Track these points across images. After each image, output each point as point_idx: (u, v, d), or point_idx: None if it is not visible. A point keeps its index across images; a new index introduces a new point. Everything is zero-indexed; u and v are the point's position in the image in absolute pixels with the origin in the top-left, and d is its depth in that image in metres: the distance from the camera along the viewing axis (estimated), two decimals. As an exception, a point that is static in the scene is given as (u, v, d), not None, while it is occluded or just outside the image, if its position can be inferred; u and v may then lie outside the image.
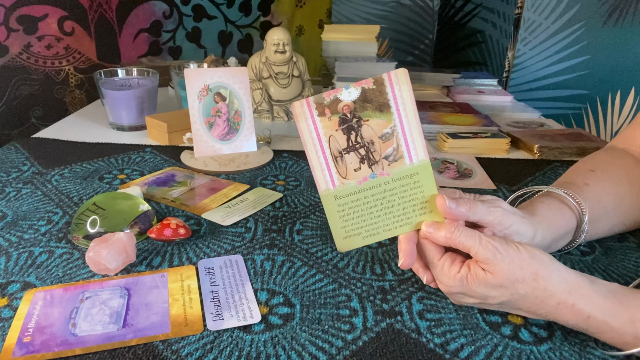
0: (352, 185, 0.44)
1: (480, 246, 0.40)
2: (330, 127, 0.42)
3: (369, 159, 0.43)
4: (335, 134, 0.43)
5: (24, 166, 0.75)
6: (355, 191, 0.44)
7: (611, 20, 1.21)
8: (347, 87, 0.42)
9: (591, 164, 0.58)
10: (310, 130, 0.42)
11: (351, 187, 0.44)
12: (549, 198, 0.52)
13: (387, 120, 0.43)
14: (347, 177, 0.43)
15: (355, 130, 0.43)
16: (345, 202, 0.44)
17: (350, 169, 0.43)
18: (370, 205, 0.44)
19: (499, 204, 0.45)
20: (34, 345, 0.40)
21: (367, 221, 0.45)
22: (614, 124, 1.19)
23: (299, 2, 2.05)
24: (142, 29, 1.71)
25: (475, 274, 0.41)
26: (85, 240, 0.53)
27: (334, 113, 0.42)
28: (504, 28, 1.60)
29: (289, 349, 0.40)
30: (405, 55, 1.98)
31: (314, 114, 0.42)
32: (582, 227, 0.51)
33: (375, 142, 0.43)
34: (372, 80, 0.42)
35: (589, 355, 0.41)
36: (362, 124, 0.43)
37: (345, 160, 0.43)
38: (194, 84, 0.78)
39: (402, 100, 0.42)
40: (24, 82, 1.47)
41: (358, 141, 0.43)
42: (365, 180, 0.44)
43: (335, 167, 0.43)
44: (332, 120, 0.42)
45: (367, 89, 0.42)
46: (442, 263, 0.43)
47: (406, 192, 0.44)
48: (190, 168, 0.76)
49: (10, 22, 1.40)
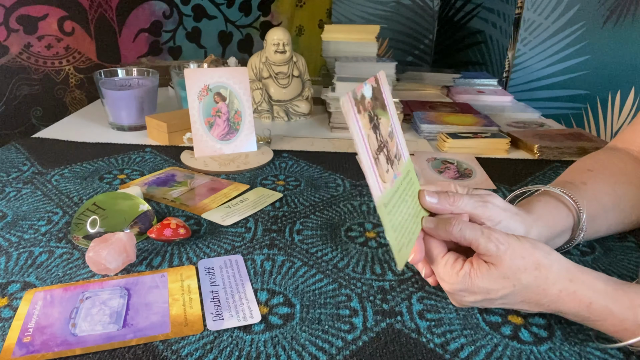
0: (390, 190, 0.40)
1: (482, 238, 0.41)
2: (366, 126, 0.39)
3: (389, 159, 0.42)
4: (370, 133, 0.39)
5: (24, 166, 0.75)
6: (392, 195, 0.41)
7: (611, 20, 1.21)
8: (365, 84, 0.40)
9: (589, 164, 0.58)
10: (357, 129, 0.38)
11: (389, 190, 0.40)
12: (546, 196, 0.52)
13: (387, 119, 0.43)
14: (385, 180, 0.40)
15: (378, 128, 0.40)
16: (390, 210, 0.40)
17: (384, 171, 0.40)
18: (400, 210, 0.42)
19: (490, 199, 0.45)
20: (34, 345, 0.40)
21: (404, 227, 0.42)
22: (614, 124, 1.19)
23: (299, 2, 2.05)
24: (142, 29, 1.71)
25: (478, 268, 0.41)
26: (85, 240, 0.53)
27: (365, 110, 0.40)
28: (504, 28, 1.60)
29: (289, 349, 0.40)
30: (405, 55, 1.98)
31: (355, 110, 0.38)
32: (580, 225, 0.51)
33: (389, 141, 0.42)
34: (374, 79, 0.42)
35: (589, 355, 0.41)
36: (379, 122, 0.41)
37: (380, 161, 0.40)
38: (194, 84, 0.78)
39: (389, 100, 0.43)
40: (24, 82, 1.46)
41: (381, 140, 0.41)
42: (392, 183, 0.41)
43: (378, 170, 0.40)
44: (365, 118, 0.39)
45: (374, 87, 0.41)
46: (445, 260, 0.43)
47: (410, 191, 0.45)
48: (190, 168, 0.76)
49: (10, 22, 1.40)
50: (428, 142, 0.93)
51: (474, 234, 0.41)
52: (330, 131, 0.98)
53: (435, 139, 0.94)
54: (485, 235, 0.41)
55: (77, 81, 1.57)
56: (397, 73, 1.27)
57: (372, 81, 0.41)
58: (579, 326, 0.44)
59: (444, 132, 0.91)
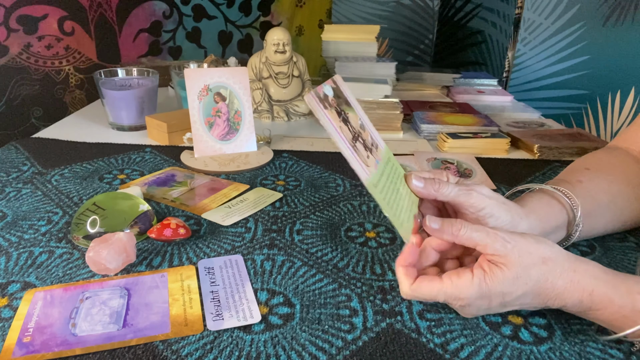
0: (375, 172, 0.43)
1: (488, 238, 0.41)
2: (336, 120, 0.42)
3: (367, 147, 0.44)
4: (342, 125, 0.42)
5: (24, 166, 0.75)
6: (379, 177, 0.43)
7: (611, 20, 1.21)
8: (324, 85, 0.43)
9: (587, 163, 0.59)
10: (328, 122, 0.41)
11: (375, 173, 0.43)
12: (540, 193, 0.53)
13: (355, 114, 0.45)
14: (368, 164, 0.43)
15: (348, 121, 0.43)
16: (381, 190, 0.43)
17: (365, 157, 0.43)
18: (391, 190, 0.44)
19: (475, 188, 0.46)
20: (34, 345, 0.40)
21: (399, 205, 0.44)
22: (614, 124, 1.19)
23: (299, 2, 2.05)
24: (142, 29, 1.71)
25: (491, 272, 0.40)
26: (85, 240, 0.53)
27: (331, 106, 0.42)
28: (504, 28, 1.60)
29: (289, 349, 0.40)
30: (405, 55, 1.98)
31: (321, 106, 0.41)
32: (576, 222, 0.51)
33: (362, 132, 0.44)
34: (331, 81, 0.44)
35: (589, 355, 0.41)
36: (348, 116, 0.44)
37: (359, 149, 0.43)
38: (194, 84, 0.78)
39: (352, 98, 0.45)
40: (24, 82, 1.47)
41: (354, 131, 0.43)
42: (375, 167, 0.44)
43: (359, 156, 0.43)
44: (334, 113, 0.42)
45: (334, 87, 0.44)
46: (449, 279, 0.41)
47: (395, 175, 0.46)
48: (190, 168, 0.76)
49: (10, 22, 1.40)
50: (428, 142, 0.93)
51: (480, 235, 0.41)
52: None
53: (435, 139, 0.94)
54: (492, 235, 0.41)
55: (77, 81, 1.57)
56: (397, 73, 1.27)
57: (330, 82, 0.43)
58: (579, 326, 0.44)
59: (444, 132, 0.91)
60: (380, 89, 0.99)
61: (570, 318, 0.45)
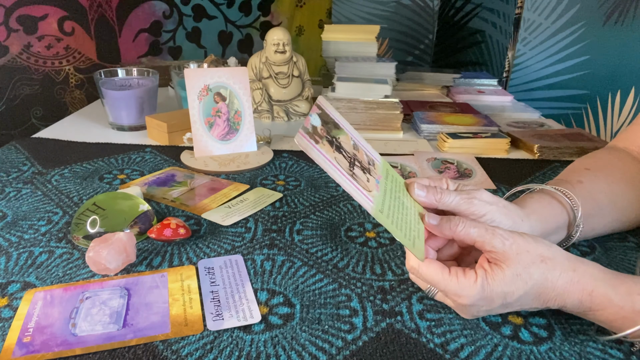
0: (378, 195, 0.43)
1: (487, 235, 0.41)
2: (329, 151, 0.41)
3: (364, 169, 0.43)
4: (337, 155, 0.42)
5: (24, 166, 0.75)
6: (383, 199, 0.43)
7: (611, 20, 1.21)
8: (310, 115, 0.42)
9: (587, 163, 0.59)
10: (323, 158, 0.40)
11: (378, 196, 0.42)
12: (540, 194, 0.53)
13: (346, 135, 0.44)
14: (369, 189, 0.42)
15: (341, 148, 0.43)
16: (388, 214, 0.42)
17: (365, 182, 0.42)
18: (397, 208, 0.43)
19: (476, 195, 0.46)
20: (34, 345, 0.40)
21: (408, 222, 0.43)
22: (614, 124, 1.19)
23: (299, 2, 2.05)
24: (142, 29, 1.71)
25: (492, 272, 0.40)
26: (85, 240, 0.53)
27: (321, 137, 0.41)
28: (504, 28, 1.60)
29: (289, 349, 0.40)
30: (405, 55, 1.98)
31: (312, 142, 0.40)
32: (576, 222, 0.51)
33: (357, 153, 0.44)
34: (316, 107, 0.43)
35: (589, 355, 0.41)
36: (340, 142, 0.43)
37: (357, 175, 0.42)
38: (194, 84, 0.78)
39: (339, 118, 0.45)
40: (24, 82, 1.47)
41: (349, 156, 0.43)
42: (377, 188, 0.43)
43: (359, 184, 0.42)
44: (325, 145, 0.41)
45: (320, 113, 0.43)
46: (455, 275, 0.41)
47: (397, 187, 0.46)
48: (190, 168, 0.76)
49: (10, 22, 1.40)
50: (428, 142, 0.93)
51: (479, 231, 0.41)
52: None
53: (435, 139, 0.94)
54: (490, 231, 0.41)
55: (77, 81, 1.57)
56: (397, 73, 1.27)
57: (316, 109, 0.43)
58: (579, 326, 0.44)
59: (444, 132, 0.91)
60: (380, 89, 0.99)
61: (570, 318, 0.45)
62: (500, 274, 0.40)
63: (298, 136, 0.39)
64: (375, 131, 0.97)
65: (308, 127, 0.41)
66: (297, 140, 0.39)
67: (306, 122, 0.41)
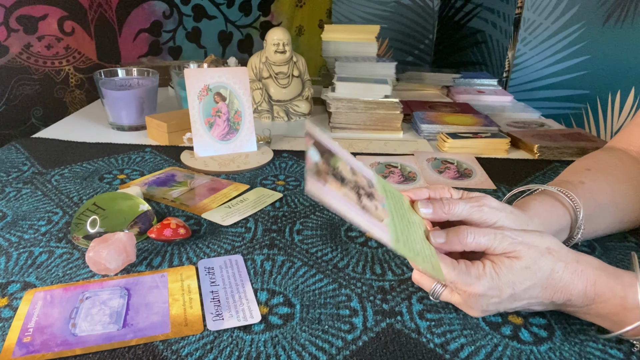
0: (390, 222, 0.40)
1: (496, 240, 0.41)
2: (338, 188, 0.39)
3: (369, 195, 0.41)
4: (345, 190, 0.40)
5: (24, 166, 0.75)
6: (395, 225, 0.41)
7: (611, 20, 1.21)
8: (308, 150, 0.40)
9: (588, 163, 0.59)
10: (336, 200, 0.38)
11: (390, 223, 0.40)
12: (543, 195, 0.52)
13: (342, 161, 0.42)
14: (381, 217, 0.40)
15: (345, 179, 0.40)
16: (404, 241, 0.40)
17: (374, 210, 0.40)
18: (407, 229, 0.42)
19: (485, 202, 0.45)
20: (34, 345, 0.40)
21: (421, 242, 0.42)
22: (614, 124, 1.19)
23: (299, 2, 2.05)
24: (142, 29, 1.71)
25: (500, 262, 0.40)
26: (85, 240, 0.53)
27: (327, 174, 0.39)
28: (504, 28, 1.60)
29: (289, 349, 0.40)
30: (405, 55, 1.98)
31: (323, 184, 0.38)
32: (578, 224, 0.51)
33: (357, 179, 0.42)
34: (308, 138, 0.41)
35: (589, 355, 0.41)
36: (341, 171, 0.41)
37: (368, 207, 0.40)
38: (194, 84, 0.78)
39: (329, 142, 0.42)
40: (24, 82, 1.46)
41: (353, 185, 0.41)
42: (385, 213, 0.41)
43: (373, 217, 0.39)
44: (333, 182, 0.39)
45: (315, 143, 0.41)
46: (464, 264, 0.41)
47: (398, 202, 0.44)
48: (190, 168, 0.76)
49: (10, 22, 1.40)
50: (428, 142, 0.93)
51: (488, 239, 0.41)
52: (330, 131, 0.98)
53: (435, 139, 0.94)
54: (499, 236, 0.41)
55: (77, 81, 1.57)
56: (397, 73, 1.27)
57: (310, 141, 0.40)
58: (579, 326, 0.44)
59: (444, 132, 0.91)
60: (380, 89, 0.99)
61: (570, 318, 0.45)
62: (509, 265, 0.40)
63: (309, 183, 0.36)
64: (375, 131, 0.97)
65: (312, 167, 0.38)
66: (308, 188, 0.36)
67: (307, 161, 0.38)
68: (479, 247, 0.42)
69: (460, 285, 0.41)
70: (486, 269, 0.40)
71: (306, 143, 0.40)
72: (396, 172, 0.77)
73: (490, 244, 0.41)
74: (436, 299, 0.45)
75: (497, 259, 0.41)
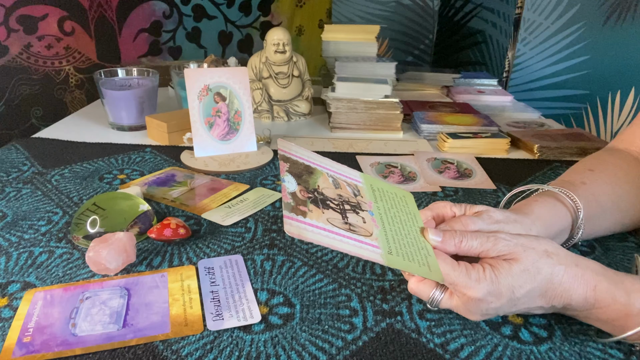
0: (380, 234, 0.40)
1: (488, 243, 0.41)
2: (319, 216, 0.38)
3: (354, 207, 0.40)
4: (328, 215, 0.38)
5: (24, 166, 0.75)
6: (385, 235, 0.40)
7: (611, 20, 1.21)
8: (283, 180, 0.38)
9: (590, 164, 0.58)
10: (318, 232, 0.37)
11: (381, 236, 0.40)
12: (544, 196, 0.52)
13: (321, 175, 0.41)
14: (370, 231, 0.40)
15: (326, 199, 0.40)
16: (397, 251, 0.39)
17: (361, 225, 0.40)
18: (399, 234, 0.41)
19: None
20: (34, 345, 0.40)
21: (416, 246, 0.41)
22: (614, 124, 1.19)
23: (299, 2, 2.05)
24: (142, 29, 1.71)
25: (500, 265, 0.40)
26: (85, 240, 0.53)
27: (305, 203, 0.38)
28: (504, 28, 1.60)
29: (289, 349, 0.40)
30: (405, 55, 1.98)
31: (302, 220, 0.37)
32: (577, 224, 0.51)
33: (340, 192, 0.41)
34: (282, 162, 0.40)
35: (589, 355, 0.41)
36: (322, 191, 0.40)
37: (355, 224, 0.39)
38: (194, 84, 0.78)
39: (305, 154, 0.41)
40: (24, 82, 1.46)
41: (338, 204, 0.40)
42: (375, 222, 0.40)
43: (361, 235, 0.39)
44: (312, 210, 0.38)
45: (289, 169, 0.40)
46: (464, 267, 0.40)
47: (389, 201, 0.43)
48: (190, 168, 0.76)
49: (10, 22, 1.40)
50: (428, 142, 0.93)
51: (480, 242, 0.41)
52: (330, 131, 0.98)
53: (435, 139, 0.94)
54: (492, 239, 0.41)
55: (77, 81, 1.57)
56: (397, 73, 1.27)
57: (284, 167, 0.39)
58: (579, 326, 0.44)
59: (444, 132, 0.91)
60: (380, 89, 0.99)
61: (570, 318, 0.45)
62: (508, 268, 0.40)
63: (286, 225, 0.35)
64: (375, 131, 0.97)
65: (289, 201, 0.36)
66: (286, 229, 0.34)
67: (283, 194, 0.37)
68: (471, 252, 0.41)
69: (459, 287, 0.40)
70: (486, 272, 0.40)
71: (280, 170, 0.38)
72: (396, 172, 0.77)
73: (484, 248, 0.41)
74: (435, 307, 0.43)
75: (496, 262, 0.40)
